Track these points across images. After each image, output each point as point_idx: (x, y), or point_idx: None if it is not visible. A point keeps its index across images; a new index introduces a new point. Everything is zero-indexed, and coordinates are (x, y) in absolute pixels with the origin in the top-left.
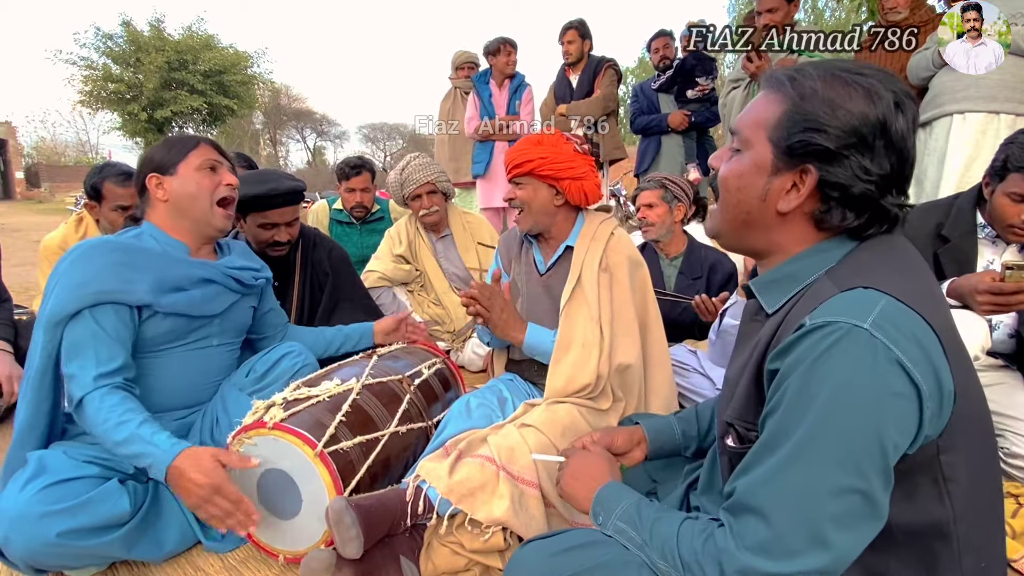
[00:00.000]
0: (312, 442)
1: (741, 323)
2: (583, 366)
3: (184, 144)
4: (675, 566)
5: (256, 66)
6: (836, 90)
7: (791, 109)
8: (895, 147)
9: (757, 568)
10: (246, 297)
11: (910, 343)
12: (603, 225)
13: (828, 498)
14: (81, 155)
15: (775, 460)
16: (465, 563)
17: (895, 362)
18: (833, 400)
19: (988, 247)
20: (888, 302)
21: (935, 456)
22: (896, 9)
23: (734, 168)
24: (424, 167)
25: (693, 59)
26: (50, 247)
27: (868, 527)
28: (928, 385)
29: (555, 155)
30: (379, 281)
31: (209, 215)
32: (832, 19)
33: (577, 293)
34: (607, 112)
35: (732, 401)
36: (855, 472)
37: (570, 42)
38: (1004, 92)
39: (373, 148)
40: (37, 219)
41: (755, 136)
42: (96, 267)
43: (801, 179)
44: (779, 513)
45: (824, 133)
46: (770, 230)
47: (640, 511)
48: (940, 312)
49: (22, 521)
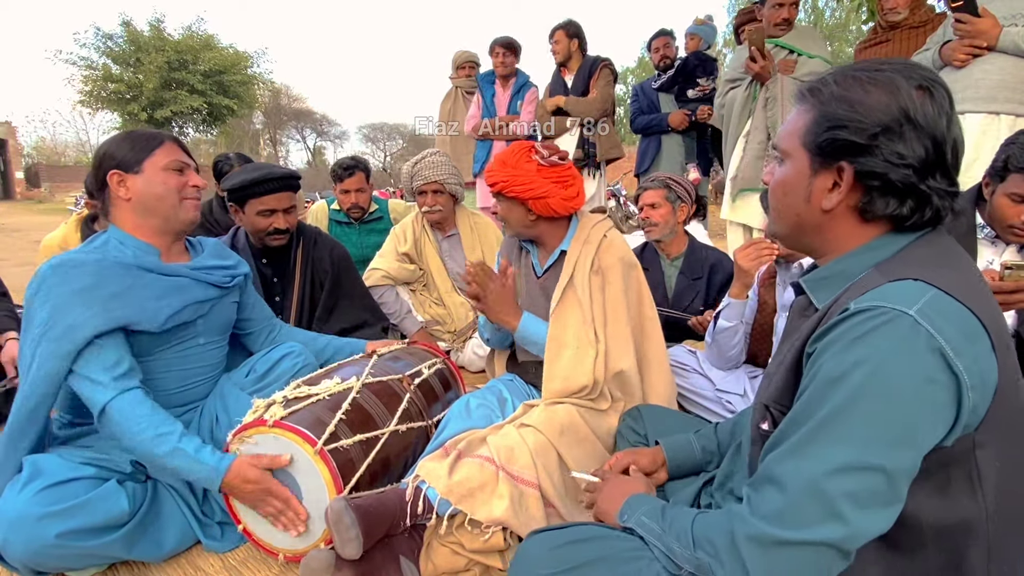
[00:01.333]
0: (312, 440)
1: (788, 320)
2: (579, 368)
3: (149, 141)
4: (687, 544)
5: (256, 66)
6: (854, 89)
7: (817, 114)
8: (926, 131)
9: (768, 534)
10: (228, 294)
11: (955, 333)
12: (596, 228)
13: (848, 474)
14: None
15: (801, 433)
16: (465, 563)
17: (936, 351)
18: (867, 380)
19: (988, 247)
20: (937, 293)
21: (971, 450)
22: (896, 9)
23: (779, 177)
24: (436, 166)
25: (695, 59)
26: (50, 247)
27: (885, 510)
28: (971, 377)
29: (515, 177)
30: (382, 280)
31: (177, 210)
32: (832, 19)
33: (568, 294)
34: (604, 114)
35: (770, 386)
36: (879, 452)
37: (557, 42)
38: (1004, 93)
39: (373, 148)
40: (37, 219)
41: (791, 146)
42: (82, 305)
43: (839, 176)
44: (796, 483)
45: (847, 128)
46: (821, 229)
47: (664, 508)
48: (989, 308)
49: (21, 523)
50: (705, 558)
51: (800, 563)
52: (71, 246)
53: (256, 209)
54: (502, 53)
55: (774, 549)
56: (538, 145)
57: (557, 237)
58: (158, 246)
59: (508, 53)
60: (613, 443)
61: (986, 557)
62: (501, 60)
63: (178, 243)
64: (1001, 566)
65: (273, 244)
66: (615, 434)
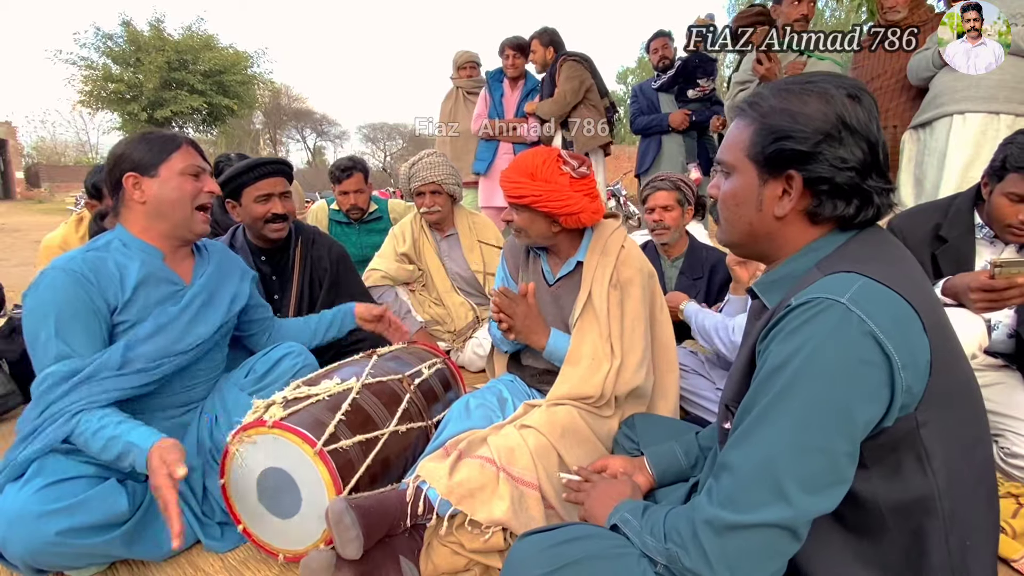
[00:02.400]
0: (312, 440)
1: (747, 324)
2: (590, 379)
3: (166, 143)
4: (659, 537)
5: (256, 66)
6: (791, 101)
7: (758, 127)
8: (861, 135)
9: (721, 518)
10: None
11: (884, 317)
12: (613, 237)
13: (792, 455)
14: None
15: (748, 421)
16: (465, 563)
17: (868, 334)
18: (803, 365)
19: (986, 247)
20: (866, 282)
21: (915, 430)
22: (895, 9)
23: (728, 189)
24: (433, 167)
25: (696, 59)
26: (50, 247)
27: (830, 490)
28: (901, 356)
29: (550, 192)
30: (381, 280)
31: (189, 221)
32: (832, 19)
33: (588, 310)
34: (575, 103)
35: (729, 387)
36: (820, 433)
37: (534, 52)
38: (1004, 92)
39: (373, 148)
40: (37, 219)
41: (736, 159)
42: (80, 330)
43: (789, 184)
44: (744, 468)
45: (792, 139)
46: (772, 235)
47: (646, 507)
48: (921, 294)
49: (20, 521)
50: (674, 548)
51: (752, 545)
52: (71, 246)
53: (252, 196)
54: (512, 55)
55: (727, 533)
56: (564, 154)
57: (573, 246)
58: (163, 249)
59: (518, 55)
60: (613, 446)
61: (944, 532)
62: (512, 62)
63: (184, 248)
64: (960, 540)
65: (273, 235)
66: (615, 438)
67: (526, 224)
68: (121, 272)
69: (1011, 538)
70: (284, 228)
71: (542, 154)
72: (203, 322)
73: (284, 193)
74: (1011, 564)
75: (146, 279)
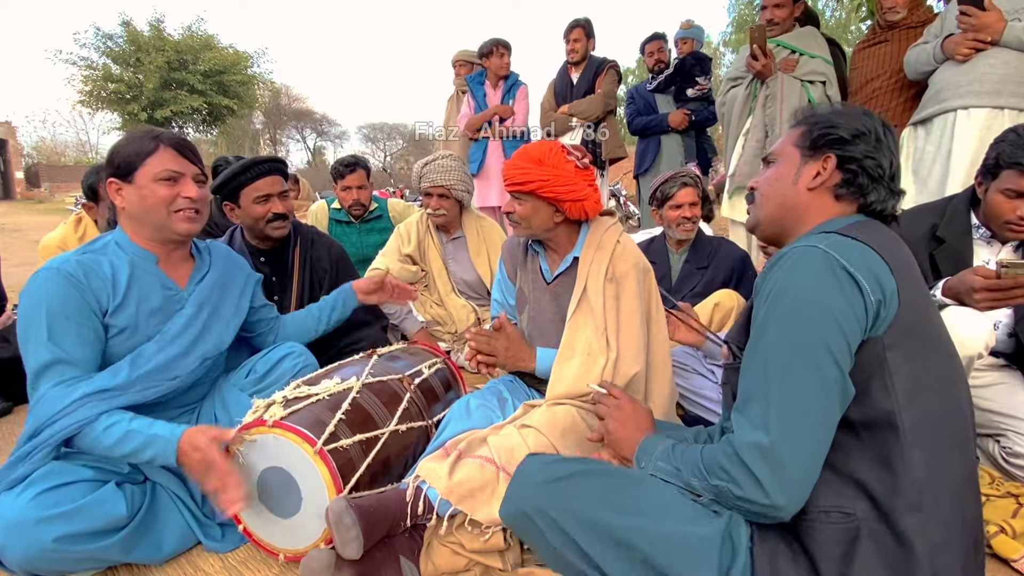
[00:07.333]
0: (312, 440)
1: None
2: (586, 375)
3: (143, 147)
4: (701, 476)
5: (256, 66)
6: (839, 112)
7: (809, 127)
8: (888, 149)
9: (763, 442)
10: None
11: (855, 258)
12: (608, 233)
13: (784, 353)
14: (81, 155)
15: (750, 343)
16: (465, 563)
17: (842, 268)
18: (794, 299)
19: (984, 248)
20: (838, 237)
21: (882, 351)
22: (895, 9)
23: (770, 172)
24: (446, 170)
25: (692, 59)
26: (50, 247)
27: (842, 395)
28: (871, 286)
29: (557, 177)
30: None
31: (167, 222)
32: (832, 19)
33: (583, 304)
34: (608, 110)
35: (734, 329)
36: (807, 329)
37: (576, 40)
38: (1008, 87)
39: (373, 148)
40: (37, 219)
41: (783, 149)
42: (72, 331)
43: (824, 165)
44: (775, 392)
45: (837, 128)
46: (800, 208)
47: (674, 449)
48: (897, 255)
49: (18, 527)
50: (721, 484)
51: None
52: (70, 247)
53: (251, 197)
54: (505, 54)
55: (770, 453)
56: (568, 146)
57: (570, 242)
58: (156, 253)
59: (507, 53)
60: None
61: (902, 445)
62: (503, 60)
63: (179, 250)
64: (919, 452)
65: (275, 234)
66: None
67: (528, 213)
68: (115, 274)
69: (1011, 538)
70: (286, 226)
71: (547, 144)
72: (209, 339)
73: (282, 192)
74: (1011, 564)
75: (137, 282)
